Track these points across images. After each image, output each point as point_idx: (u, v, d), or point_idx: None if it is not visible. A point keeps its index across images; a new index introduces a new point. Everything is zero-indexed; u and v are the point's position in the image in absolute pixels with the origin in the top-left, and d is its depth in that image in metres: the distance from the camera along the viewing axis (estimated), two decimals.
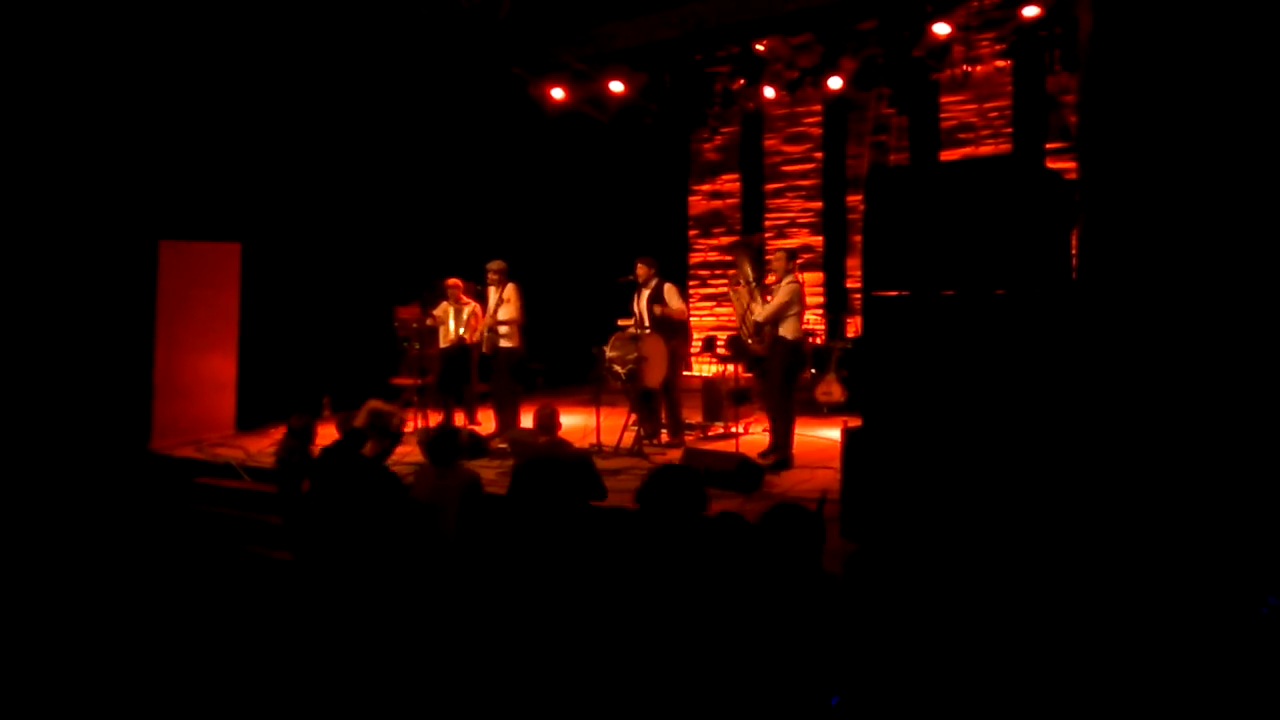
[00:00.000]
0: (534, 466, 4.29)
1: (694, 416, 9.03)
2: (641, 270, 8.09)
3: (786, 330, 7.17)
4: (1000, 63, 10.43)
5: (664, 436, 8.13)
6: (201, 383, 8.71)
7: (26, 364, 7.64)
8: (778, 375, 7.19)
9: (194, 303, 8.63)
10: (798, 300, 7.22)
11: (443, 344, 8.93)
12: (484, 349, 8.49)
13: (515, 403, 8.55)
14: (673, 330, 8.13)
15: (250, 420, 8.95)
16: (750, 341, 7.54)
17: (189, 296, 8.58)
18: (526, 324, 8.42)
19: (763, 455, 7.17)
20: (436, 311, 8.95)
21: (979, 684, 3.24)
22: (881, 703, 3.10)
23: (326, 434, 6.73)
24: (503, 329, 8.29)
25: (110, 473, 7.58)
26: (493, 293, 8.42)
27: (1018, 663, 3.36)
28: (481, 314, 8.78)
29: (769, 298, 7.32)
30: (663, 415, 8.30)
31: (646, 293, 8.08)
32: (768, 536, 3.28)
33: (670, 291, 8.07)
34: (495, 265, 8.43)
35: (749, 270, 7.58)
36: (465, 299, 8.88)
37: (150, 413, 8.30)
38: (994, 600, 3.78)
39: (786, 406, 7.25)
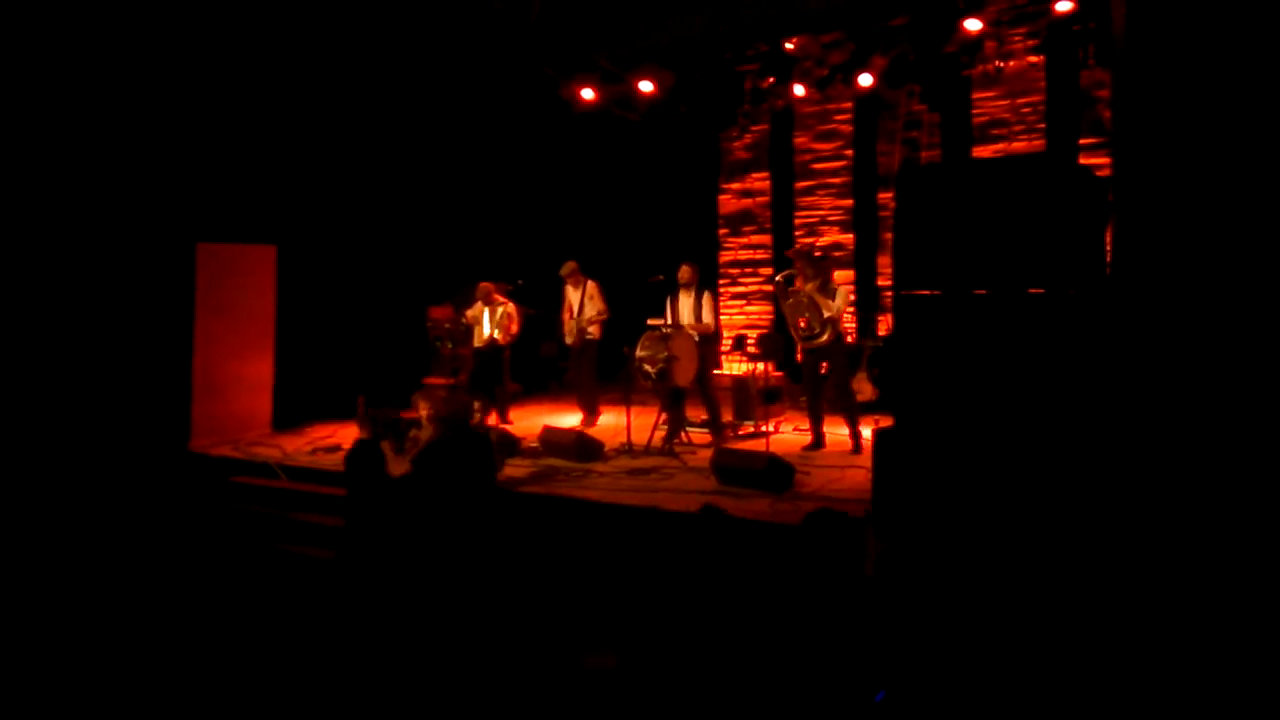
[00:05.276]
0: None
1: (724, 415, 9.03)
2: (687, 272, 8.34)
3: (841, 327, 7.73)
4: (1033, 58, 10.31)
5: (687, 436, 8.13)
6: (238, 383, 8.84)
7: (69, 365, 7.80)
8: (843, 369, 7.87)
9: (231, 304, 8.75)
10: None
11: (477, 344, 9.06)
12: (570, 341, 9.16)
13: (596, 393, 9.18)
14: (707, 338, 8.37)
15: (286, 420, 9.07)
16: (805, 340, 7.75)
17: (226, 298, 8.71)
18: (610, 317, 9.10)
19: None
20: (472, 312, 9.07)
21: (1009, 683, 3.24)
22: (913, 699, 3.11)
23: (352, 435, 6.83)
24: (590, 324, 8.96)
25: (150, 472, 7.71)
26: (571, 291, 9.12)
27: (1049, 663, 3.35)
28: (516, 315, 8.98)
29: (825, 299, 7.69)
30: (687, 414, 8.36)
31: (689, 296, 8.29)
32: (808, 542, 3.28)
33: (708, 301, 8.33)
34: (568, 266, 9.11)
35: (812, 272, 7.78)
36: (500, 299, 9.00)
37: (189, 413, 8.43)
38: (1027, 602, 3.76)
39: (853, 399, 7.96)
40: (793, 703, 2.99)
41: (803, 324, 7.65)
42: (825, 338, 7.60)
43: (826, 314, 7.56)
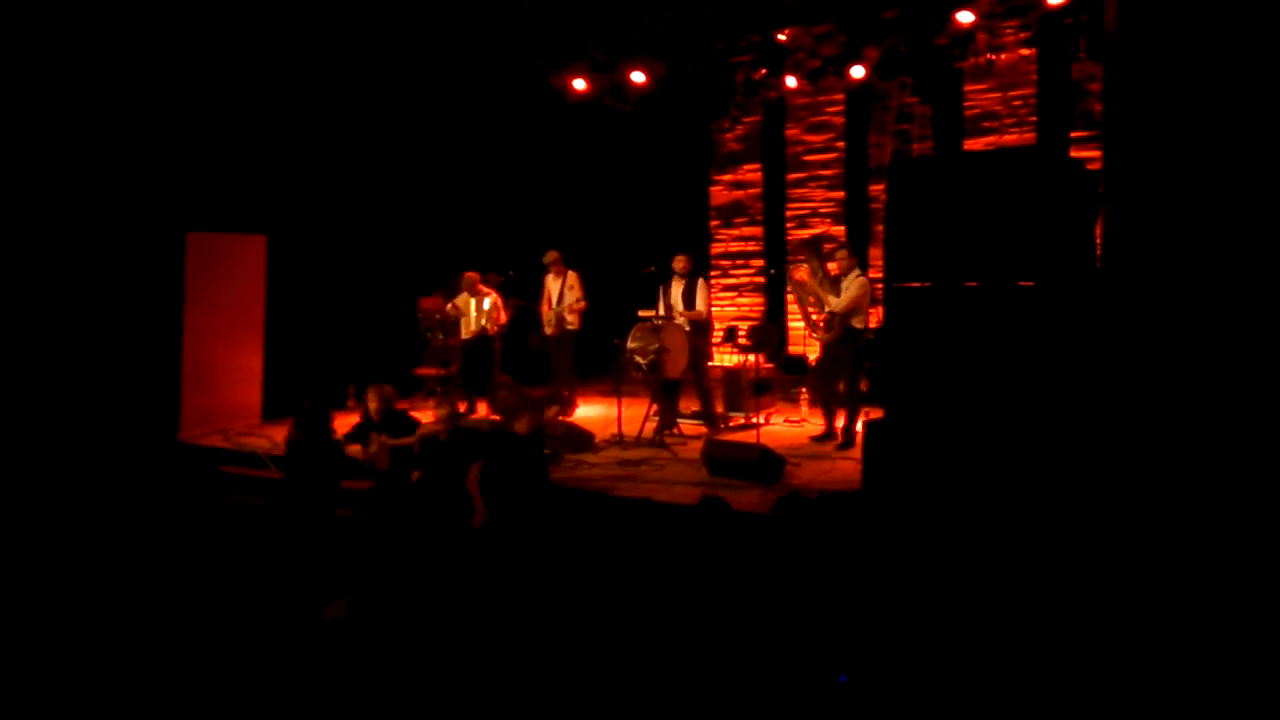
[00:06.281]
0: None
1: (716, 407, 9.04)
2: (682, 262, 8.36)
3: (857, 322, 7.54)
4: (1024, 50, 10.32)
5: (678, 428, 8.14)
6: (228, 373, 8.81)
7: (58, 356, 7.76)
8: (850, 365, 7.57)
9: (220, 294, 8.72)
10: (870, 295, 7.58)
11: (464, 335, 9.04)
12: (549, 331, 9.03)
13: (574, 385, 9.13)
14: (700, 327, 8.35)
15: (276, 410, 9.03)
16: (818, 333, 7.71)
17: (216, 288, 8.68)
18: (589, 308, 9.01)
19: (838, 447, 7.43)
20: (458, 302, 9.05)
21: (994, 672, 3.25)
22: (899, 688, 3.12)
23: (349, 422, 6.83)
24: (569, 314, 8.87)
25: (139, 462, 7.69)
26: (552, 281, 9.00)
27: (1035, 656, 3.36)
28: (502, 305, 8.95)
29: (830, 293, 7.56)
30: (682, 406, 8.36)
31: (681, 284, 8.29)
32: (777, 526, 3.31)
33: (702, 288, 8.32)
34: (551, 255, 8.99)
35: (817, 264, 7.72)
36: (485, 290, 8.98)
37: (178, 402, 8.40)
38: (1012, 594, 3.78)
39: (858, 394, 7.68)
40: (769, 685, 3.01)
41: (815, 315, 7.65)
42: (831, 333, 7.55)
43: (828, 308, 7.52)
